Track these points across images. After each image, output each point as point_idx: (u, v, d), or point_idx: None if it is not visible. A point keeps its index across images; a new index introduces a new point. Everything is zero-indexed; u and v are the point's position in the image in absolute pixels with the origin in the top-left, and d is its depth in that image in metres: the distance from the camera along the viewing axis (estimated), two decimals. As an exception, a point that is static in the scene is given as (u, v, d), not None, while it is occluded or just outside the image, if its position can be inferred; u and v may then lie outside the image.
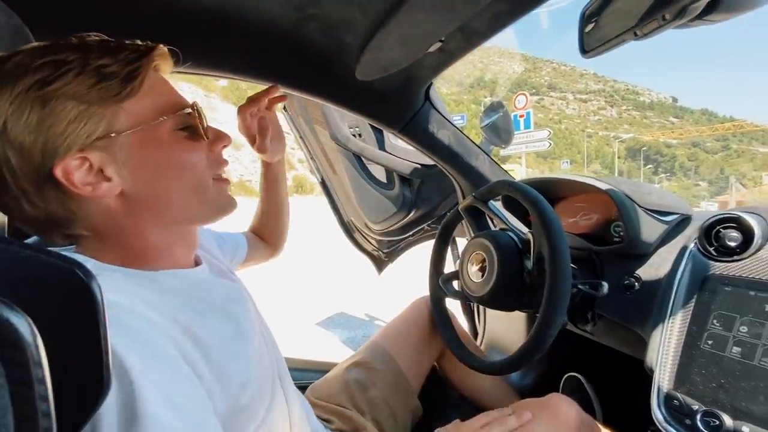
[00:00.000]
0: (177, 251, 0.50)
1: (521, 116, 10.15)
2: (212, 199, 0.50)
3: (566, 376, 1.08)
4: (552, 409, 0.67)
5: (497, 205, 1.17)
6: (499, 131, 1.44)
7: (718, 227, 0.65)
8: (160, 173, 0.45)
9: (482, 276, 0.80)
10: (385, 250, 1.95)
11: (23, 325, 0.20)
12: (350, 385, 0.85)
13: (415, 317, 0.98)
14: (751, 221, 0.62)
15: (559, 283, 0.62)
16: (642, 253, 0.78)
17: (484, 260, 0.81)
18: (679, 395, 0.59)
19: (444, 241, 0.98)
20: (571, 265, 0.84)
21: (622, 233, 0.82)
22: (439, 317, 0.93)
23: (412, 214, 1.62)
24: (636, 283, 0.76)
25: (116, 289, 0.39)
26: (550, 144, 9.61)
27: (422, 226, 1.67)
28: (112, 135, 0.42)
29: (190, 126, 0.48)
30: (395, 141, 1.69)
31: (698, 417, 0.55)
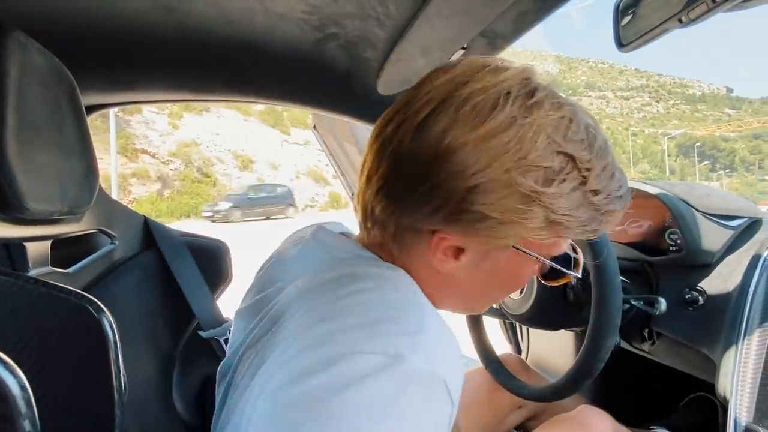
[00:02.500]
0: None
1: (558, 119, 9.77)
2: (485, 307, 0.50)
3: (692, 396, 0.88)
4: (583, 422, 0.60)
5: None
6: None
7: (797, 232, 0.57)
8: (493, 282, 0.43)
9: (521, 293, 0.75)
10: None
11: (10, 378, 0.19)
12: None
13: (478, 387, 0.85)
14: (840, 223, 0.53)
15: (608, 301, 0.56)
16: (704, 264, 0.70)
17: (522, 275, 0.75)
18: (761, 429, 0.50)
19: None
20: (621, 278, 0.77)
21: (678, 241, 0.74)
22: (474, 336, 0.88)
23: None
24: (700, 298, 0.68)
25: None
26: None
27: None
28: (501, 243, 0.38)
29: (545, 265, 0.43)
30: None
31: (790, 458, 0.47)
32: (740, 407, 0.53)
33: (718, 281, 0.67)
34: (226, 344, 0.81)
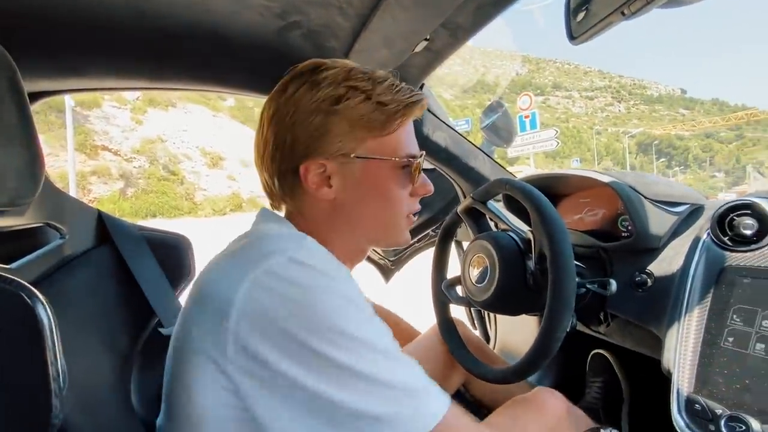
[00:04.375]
0: (345, 263, 0.55)
1: (526, 117, 10.03)
2: (396, 232, 0.58)
3: (593, 353, 1.03)
4: (539, 404, 0.63)
5: (499, 206, 1.13)
6: (500, 131, 1.41)
7: (731, 215, 0.61)
8: (369, 197, 0.54)
9: (484, 280, 0.77)
10: (391, 259, 1.91)
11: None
12: None
13: (431, 346, 0.92)
14: (767, 207, 0.58)
15: (562, 283, 0.58)
16: (652, 248, 0.74)
17: (485, 263, 0.77)
18: (700, 399, 0.54)
19: (444, 245, 0.95)
20: (578, 263, 0.80)
21: (629, 227, 0.78)
22: (442, 324, 0.90)
23: (415, 220, 1.59)
24: (648, 280, 0.72)
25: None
26: (558, 143, 9.48)
27: (427, 232, 1.64)
28: (352, 156, 0.52)
29: (409, 169, 0.56)
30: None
31: (723, 422, 0.50)
32: (682, 379, 0.57)
33: (664, 264, 0.71)
34: None
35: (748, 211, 0.60)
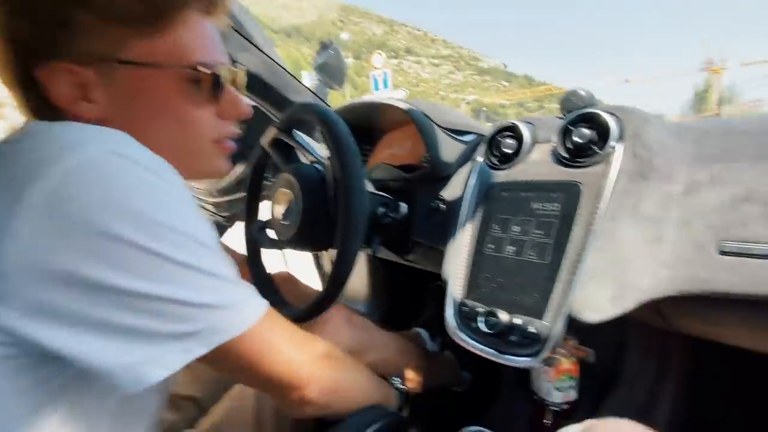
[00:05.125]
0: None
1: (379, 76, 10.31)
2: (201, 160, 0.50)
3: (432, 285, 1.06)
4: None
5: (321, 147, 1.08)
6: (332, 70, 1.34)
7: (498, 137, 0.68)
8: (151, 116, 0.45)
9: (289, 216, 0.71)
10: (224, 214, 1.72)
11: None
12: None
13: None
14: (523, 127, 0.65)
15: (352, 204, 0.56)
16: (446, 175, 0.79)
17: (290, 198, 0.71)
18: (468, 301, 0.61)
19: (255, 186, 0.85)
20: (385, 194, 0.81)
21: (429, 158, 0.81)
22: (253, 270, 0.82)
23: (244, 165, 1.43)
24: (441, 205, 0.77)
25: None
26: (407, 103, 10.12)
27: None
28: (115, 62, 0.42)
29: (204, 83, 0.46)
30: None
31: (481, 318, 0.57)
32: (456, 286, 0.63)
33: (453, 189, 0.77)
34: None
35: (511, 133, 0.67)
